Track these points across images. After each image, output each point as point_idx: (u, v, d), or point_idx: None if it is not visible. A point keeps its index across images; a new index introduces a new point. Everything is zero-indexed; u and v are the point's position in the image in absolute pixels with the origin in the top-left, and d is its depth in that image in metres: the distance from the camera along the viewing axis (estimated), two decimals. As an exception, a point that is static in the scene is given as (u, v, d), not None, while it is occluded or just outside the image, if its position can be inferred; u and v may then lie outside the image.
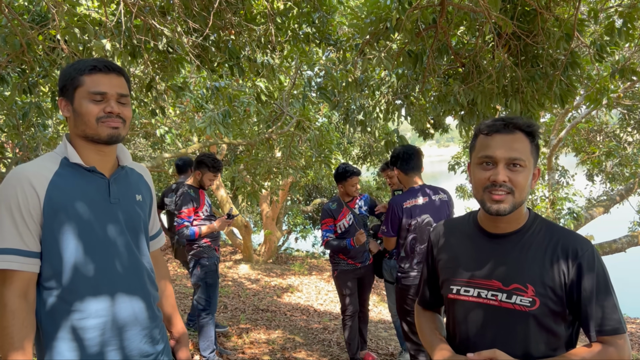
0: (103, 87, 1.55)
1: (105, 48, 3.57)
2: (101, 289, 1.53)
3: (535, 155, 1.49)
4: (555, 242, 1.46)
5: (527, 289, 1.43)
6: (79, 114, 1.54)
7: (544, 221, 1.55)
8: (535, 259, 1.45)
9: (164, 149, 9.19)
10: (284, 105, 6.14)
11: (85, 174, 1.58)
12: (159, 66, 4.38)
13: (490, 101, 4.09)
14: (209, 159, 4.35)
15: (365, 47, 3.85)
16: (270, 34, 4.19)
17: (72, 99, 1.55)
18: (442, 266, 1.66)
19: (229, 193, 11.42)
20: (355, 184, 4.41)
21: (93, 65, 1.55)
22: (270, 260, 11.61)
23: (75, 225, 1.50)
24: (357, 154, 14.26)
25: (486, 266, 1.52)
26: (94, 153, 1.59)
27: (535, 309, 1.42)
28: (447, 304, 1.63)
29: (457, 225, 1.69)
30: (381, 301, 8.57)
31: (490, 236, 1.55)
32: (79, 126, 1.56)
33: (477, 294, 1.52)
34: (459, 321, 1.58)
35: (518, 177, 1.43)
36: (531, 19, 3.73)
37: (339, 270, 4.45)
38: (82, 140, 1.58)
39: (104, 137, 1.56)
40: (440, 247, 1.69)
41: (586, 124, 10.27)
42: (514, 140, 1.44)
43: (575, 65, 3.85)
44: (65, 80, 1.57)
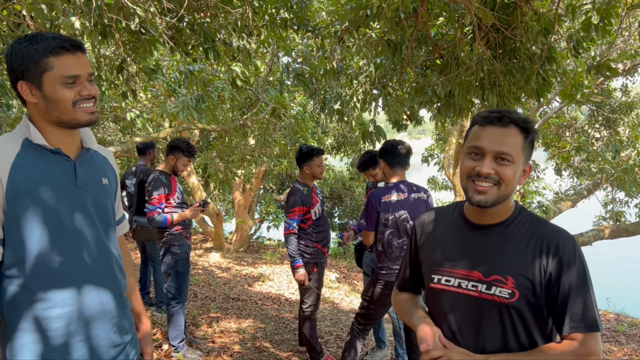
0: (76, 70, 1.46)
1: (74, 26, 3.41)
2: (67, 278, 1.45)
3: (528, 152, 1.48)
4: (538, 235, 1.47)
5: (506, 281, 1.44)
6: (53, 101, 1.45)
7: (529, 214, 1.54)
8: (517, 252, 1.46)
9: (134, 133, 8.97)
10: (259, 91, 6.03)
11: (50, 156, 1.48)
12: (130, 47, 4.22)
13: (468, 93, 4.08)
14: (184, 143, 4.25)
15: (344, 35, 3.79)
16: (247, 17, 4.09)
17: (41, 84, 1.44)
18: (425, 254, 1.67)
19: (200, 180, 11.25)
20: (321, 164, 4.31)
21: (60, 46, 1.44)
22: (242, 248, 11.52)
23: (40, 210, 1.41)
24: (330, 143, 14.23)
25: (468, 257, 1.53)
26: (60, 135, 1.51)
27: (514, 301, 1.43)
28: (429, 293, 1.64)
29: (442, 214, 1.70)
30: (352, 291, 8.59)
31: (474, 227, 1.56)
32: (51, 112, 1.46)
33: (457, 284, 1.52)
34: (439, 311, 1.59)
35: (505, 171, 1.43)
36: (510, 11, 3.72)
37: (319, 263, 4.27)
38: (50, 125, 1.49)
39: (82, 122, 1.49)
40: (424, 235, 1.70)
41: (557, 119, 10.45)
42: (505, 134, 1.44)
43: (552, 60, 3.87)
44: (26, 62, 1.43)
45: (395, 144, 3.68)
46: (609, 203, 11.35)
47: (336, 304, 7.49)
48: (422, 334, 1.50)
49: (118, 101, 7.38)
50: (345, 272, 10.09)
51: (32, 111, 1.49)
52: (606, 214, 11.37)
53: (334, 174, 14.73)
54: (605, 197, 11.52)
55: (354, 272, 10.05)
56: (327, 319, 6.27)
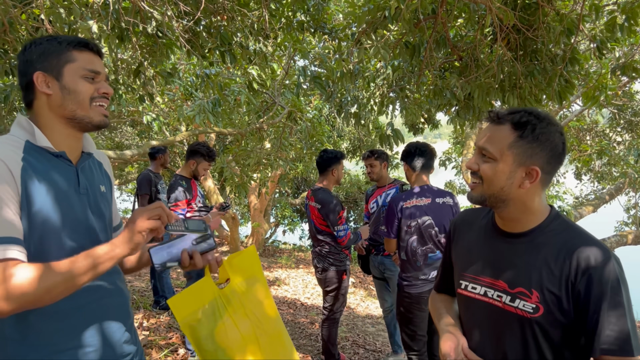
0: (97, 67, 1.44)
1: (91, 30, 3.42)
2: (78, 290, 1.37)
3: (523, 151, 1.35)
4: (570, 247, 1.34)
5: (531, 295, 1.35)
6: (72, 92, 1.40)
7: (564, 223, 1.42)
8: (544, 264, 1.35)
9: (151, 137, 9.02)
10: (275, 95, 6.01)
11: (52, 160, 1.40)
12: (147, 51, 4.23)
13: (487, 96, 4.01)
14: (204, 147, 4.23)
15: (361, 37, 3.74)
16: (263, 20, 4.06)
17: (60, 75, 1.39)
18: (456, 258, 1.62)
19: (216, 184, 11.28)
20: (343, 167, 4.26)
21: (83, 42, 1.43)
22: (257, 252, 11.50)
23: (47, 218, 1.32)
24: (346, 147, 14.18)
25: (495, 265, 1.46)
26: (66, 137, 1.44)
27: (539, 316, 1.34)
28: (458, 298, 1.60)
29: (476, 217, 1.62)
30: (368, 296, 8.51)
31: (503, 234, 1.48)
32: (67, 105, 1.40)
33: (483, 292, 1.46)
34: (464, 317, 1.56)
35: (484, 167, 1.39)
36: (532, 12, 3.65)
37: (347, 269, 4.17)
38: (60, 122, 1.42)
39: (95, 121, 1.44)
40: (457, 237, 1.65)
41: (577, 123, 10.27)
42: (495, 130, 1.39)
43: (575, 61, 3.78)
44: (47, 53, 1.39)
45: (418, 147, 3.53)
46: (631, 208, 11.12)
47: (352, 309, 7.43)
48: (444, 348, 1.45)
49: (135, 105, 7.42)
50: (361, 277, 10.02)
51: (41, 107, 1.41)
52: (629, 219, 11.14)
53: (349, 178, 14.67)
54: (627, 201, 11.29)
55: (370, 277, 9.97)
56: (343, 324, 6.21)
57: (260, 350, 1.55)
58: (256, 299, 1.61)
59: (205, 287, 1.54)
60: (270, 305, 1.65)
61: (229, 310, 1.55)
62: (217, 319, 1.53)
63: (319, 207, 4.02)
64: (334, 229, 3.97)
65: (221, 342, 1.52)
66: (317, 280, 4.34)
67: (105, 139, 12.52)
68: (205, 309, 1.53)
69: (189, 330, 1.51)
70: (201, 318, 1.52)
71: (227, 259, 1.64)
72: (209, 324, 1.52)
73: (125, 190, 17.30)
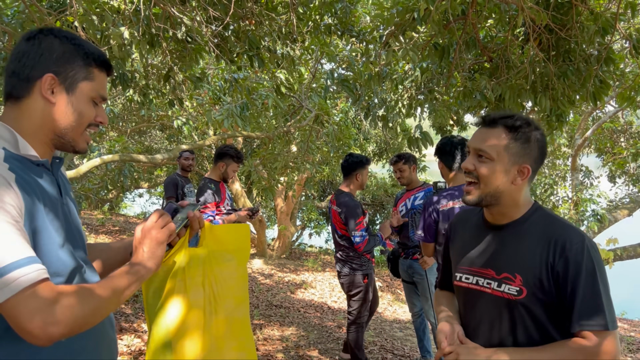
0: (105, 92, 1.35)
1: (123, 36, 3.49)
2: None
3: (516, 152, 1.50)
4: (548, 234, 1.48)
5: (515, 278, 1.48)
6: (76, 111, 1.26)
7: (544, 213, 1.56)
8: (527, 250, 1.49)
9: (180, 141, 9.14)
10: (302, 98, 6.02)
11: (35, 170, 1.24)
12: (177, 56, 4.29)
13: (519, 97, 3.93)
14: (232, 149, 4.27)
15: (389, 39, 3.72)
16: (291, 24, 4.08)
17: (72, 90, 1.25)
18: (453, 254, 1.75)
19: (243, 187, 11.36)
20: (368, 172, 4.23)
21: (107, 63, 1.32)
22: (284, 255, 11.54)
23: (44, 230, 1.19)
24: (372, 150, 14.13)
25: (484, 255, 1.59)
26: (45, 145, 1.28)
27: (522, 298, 1.46)
28: (455, 290, 1.72)
29: (470, 214, 1.76)
30: (396, 300, 8.44)
31: (490, 227, 1.61)
32: (63, 122, 1.25)
33: (475, 281, 1.59)
34: (461, 306, 1.68)
35: (481, 168, 1.50)
36: (565, 11, 3.57)
37: (369, 274, 4.13)
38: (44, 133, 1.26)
39: (79, 147, 1.31)
40: (454, 235, 1.78)
41: (611, 124, 10.01)
42: (489, 133, 1.52)
43: (610, 61, 3.68)
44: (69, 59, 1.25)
45: (455, 142, 3.25)
46: (668, 211, 10.75)
47: (379, 313, 7.37)
48: (439, 336, 1.57)
49: (164, 109, 7.53)
50: (389, 280, 9.94)
51: (33, 110, 1.24)
52: (666, 223, 10.78)
53: (375, 181, 14.61)
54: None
55: (397, 281, 9.89)
56: (370, 329, 6.17)
57: (204, 329, 1.41)
58: (222, 275, 1.48)
59: (180, 243, 1.43)
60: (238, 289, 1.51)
61: (186, 273, 1.43)
62: (171, 276, 1.41)
63: (340, 211, 4.01)
64: (352, 233, 3.93)
65: (165, 301, 1.40)
66: (340, 284, 4.32)
67: (135, 142, 12.75)
68: (167, 263, 1.41)
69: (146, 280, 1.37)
70: (159, 271, 1.39)
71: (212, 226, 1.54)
72: (162, 278, 1.42)
73: (154, 194, 17.58)
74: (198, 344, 1.39)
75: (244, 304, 1.52)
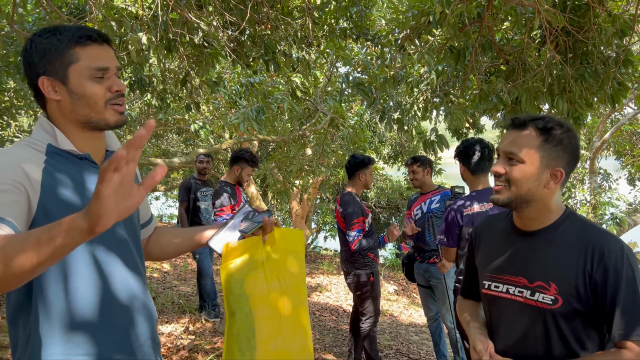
0: (104, 62, 1.29)
1: (141, 41, 3.54)
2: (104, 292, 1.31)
3: (548, 154, 1.45)
4: (584, 240, 1.43)
5: (549, 287, 1.43)
6: (81, 97, 1.27)
7: (578, 219, 1.51)
8: (561, 258, 1.44)
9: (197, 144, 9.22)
10: (318, 102, 6.05)
11: (77, 163, 1.31)
12: (194, 60, 4.34)
13: (535, 100, 3.90)
14: (247, 153, 4.31)
15: (405, 42, 3.72)
16: (306, 28, 4.10)
17: (66, 79, 1.26)
18: (479, 261, 1.69)
19: (258, 190, 11.41)
20: (372, 172, 4.24)
21: (86, 35, 1.28)
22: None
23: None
24: (387, 153, 14.09)
25: (515, 263, 1.54)
26: (86, 139, 1.33)
27: (557, 308, 1.41)
28: (482, 299, 1.67)
29: (496, 220, 1.71)
30: (411, 304, 8.41)
31: (520, 233, 1.56)
32: (79, 111, 1.28)
33: (505, 290, 1.54)
34: (491, 316, 1.62)
35: (513, 171, 1.46)
36: (582, 13, 3.54)
37: (374, 272, 4.18)
38: (75, 126, 1.31)
39: (112, 122, 1.32)
40: (479, 240, 1.72)
41: (630, 126, 9.87)
42: (519, 135, 1.47)
43: (629, 63, 3.64)
44: (49, 54, 1.26)
45: (476, 144, 3.16)
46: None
47: (395, 317, 7.35)
48: (477, 347, 1.53)
49: (181, 113, 7.60)
50: (404, 284, 9.90)
51: (54, 112, 1.31)
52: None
53: (391, 184, 14.56)
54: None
55: (413, 284, 9.84)
56: (386, 332, 6.15)
57: (279, 313, 1.62)
58: (290, 271, 1.69)
59: (254, 242, 1.63)
60: (301, 283, 1.71)
61: (265, 266, 1.64)
62: (252, 270, 1.63)
63: (341, 210, 4.08)
64: (346, 232, 3.99)
65: (248, 289, 1.60)
66: (347, 285, 4.33)
67: (152, 146, 12.88)
68: (245, 257, 1.62)
69: (225, 272, 1.61)
70: (239, 264, 1.61)
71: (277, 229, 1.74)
72: (244, 270, 1.62)
73: (170, 197, 17.73)
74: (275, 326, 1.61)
75: (304, 296, 1.72)
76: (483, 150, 3.15)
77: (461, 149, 3.23)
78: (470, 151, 3.16)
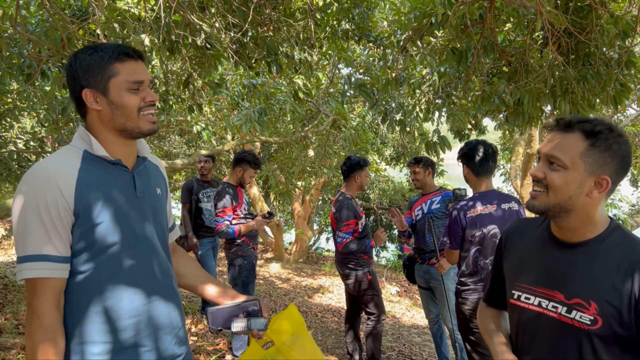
0: (140, 76, 1.47)
1: (144, 43, 3.55)
2: (138, 288, 1.47)
3: (594, 160, 1.32)
4: (632, 260, 1.31)
5: (589, 306, 1.31)
6: (119, 106, 1.44)
7: (624, 234, 1.38)
8: (605, 276, 1.32)
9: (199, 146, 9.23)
10: (320, 103, 6.05)
11: (110, 168, 1.49)
12: (196, 62, 4.35)
13: (538, 101, 3.90)
14: (250, 155, 4.30)
15: (407, 44, 3.73)
16: (308, 30, 4.11)
17: (106, 91, 1.44)
18: (508, 268, 1.58)
19: (261, 191, 11.42)
20: (368, 174, 4.24)
21: (124, 52, 1.46)
22: (301, 259, 11.56)
23: (108, 224, 1.42)
24: (390, 154, 14.09)
25: (551, 275, 1.42)
26: (120, 145, 1.51)
27: (597, 329, 1.30)
28: (509, 308, 1.56)
29: (530, 226, 1.58)
30: (414, 305, 8.40)
31: (560, 244, 1.44)
32: (117, 120, 1.46)
33: (537, 302, 1.43)
34: (516, 328, 1.51)
35: (552, 176, 1.34)
36: (584, 15, 3.54)
37: (370, 270, 4.17)
38: (112, 134, 1.49)
39: (145, 131, 1.50)
40: (509, 246, 1.60)
41: (633, 127, 9.85)
42: (564, 138, 1.35)
43: (631, 65, 3.63)
44: (92, 69, 1.44)
45: (480, 146, 3.16)
46: (692, 216, 10.51)
47: (397, 318, 7.34)
48: None
49: (183, 115, 7.62)
50: (406, 285, 9.89)
51: (94, 121, 1.48)
52: (690, 228, 10.55)
53: (393, 185, 14.55)
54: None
55: (415, 286, 9.84)
56: (388, 334, 6.15)
57: None
58: (301, 351, 1.67)
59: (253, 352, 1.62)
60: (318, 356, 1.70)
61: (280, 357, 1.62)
62: None
63: (334, 212, 4.11)
64: (336, 232, 4.02)
65: None
66: (345, 286, 4.33)
67: (154, 147, 12.91)
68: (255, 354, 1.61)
69: None
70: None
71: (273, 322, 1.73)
72: None
73: (172, 198, 17.75)
74: None
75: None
76: (486, 151, 3.15)
77: (465, 150, 3.22)
78: (473, 153, 3.15)
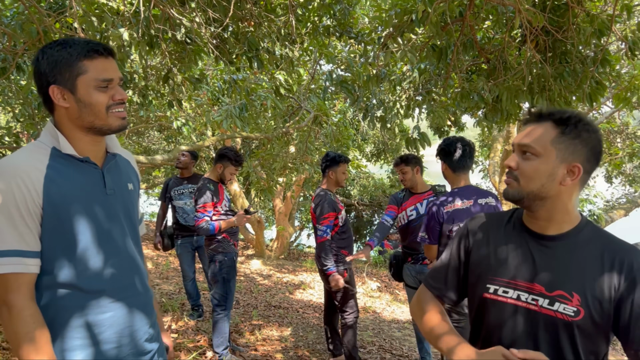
0: (109, 73, 1.45)
1: (122, 37, 3.50)
2: (108, 285, 1.47)
3: (565, 147, 1.35)
4: (610, 252, 1.36)
5: (572, 298, 1.34)
6: (87, 105, 1.42)
7: (597, 229, 1.44)
8: (585, 268, 1.36)
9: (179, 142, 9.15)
10: (301, 99, 6.05)
11: (79, 165, 1.46)
12: (176, 57, 4.30)
13: (516, 98, 3.96)
14: (232, 152, 4.27)
15: (388, 40, 3.75)
16: (290, 26, 4.10)
17: (74, 88, 1.41)
18: (477, 261, 1.53)
19: (241, 188, 11.37)
20: (345, 171, 4.23)
21: (94, 49, 1.42)
22: (282, 256, 11.56)
23: (77, 221, 1.41)
24: (370, 151, 14.17)
25: (528, 268, 1.42)
26: (88, 143, 1.48)
27: (579, 320, 1.33)
28: (479, 303, 1.50)
29: (499, 219, 1.57)
30: (394, 300, 8.47)
31: (536, 236, 1.44)
32: (85, 117, 1.43)
33: (516, 296, 1.42)
34: (493, 324, 1.47)
35: (524, 165, 1.37)
36: (561, 13, 3.60)
37: (348, 268, 4.17)
38: (80, 131, 1.46)
39: (115, 127, 1.47)
40: (477, 239, 1.56)
41: (608, 125, 10.06)
42: (535, 128, 1.38)
43: (606, 63, 3.71)
44: (59, 65, 1.40)
45: (457, 142, 3.20)
46: (664, 212, 10.80)
47: (378, 313, 7.40)
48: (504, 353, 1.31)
49: (163, 110, 7.54)
50: (387, 281, 9.97)
51: (61, 117, 1.46)
52: (662, 223, 10.83)
53: (374, 182, 14.63)
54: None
55: (396, 282, 9.92)
56: (369, 329, 6.19)
57: None
58: None
59: None
60: None
61: None
62: None
63: (313, 207, 4.14)
64: (316, 226, 4.04)
65: None
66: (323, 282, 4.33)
67: (133, 143, 12.76)
68: None
69: None
70: None
71: None
72: None
73: (152, 195, 17.57)
74: None
75: None
76: (464, 147, 3.19)
77: (442, 146, 3.26)
78: (451, 149, 3.19)
